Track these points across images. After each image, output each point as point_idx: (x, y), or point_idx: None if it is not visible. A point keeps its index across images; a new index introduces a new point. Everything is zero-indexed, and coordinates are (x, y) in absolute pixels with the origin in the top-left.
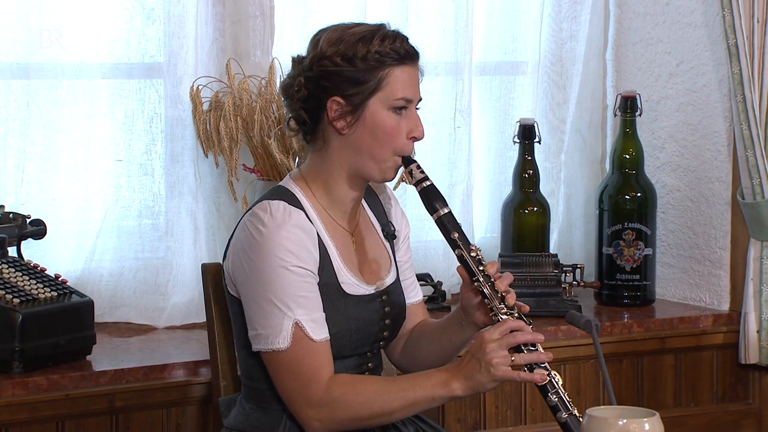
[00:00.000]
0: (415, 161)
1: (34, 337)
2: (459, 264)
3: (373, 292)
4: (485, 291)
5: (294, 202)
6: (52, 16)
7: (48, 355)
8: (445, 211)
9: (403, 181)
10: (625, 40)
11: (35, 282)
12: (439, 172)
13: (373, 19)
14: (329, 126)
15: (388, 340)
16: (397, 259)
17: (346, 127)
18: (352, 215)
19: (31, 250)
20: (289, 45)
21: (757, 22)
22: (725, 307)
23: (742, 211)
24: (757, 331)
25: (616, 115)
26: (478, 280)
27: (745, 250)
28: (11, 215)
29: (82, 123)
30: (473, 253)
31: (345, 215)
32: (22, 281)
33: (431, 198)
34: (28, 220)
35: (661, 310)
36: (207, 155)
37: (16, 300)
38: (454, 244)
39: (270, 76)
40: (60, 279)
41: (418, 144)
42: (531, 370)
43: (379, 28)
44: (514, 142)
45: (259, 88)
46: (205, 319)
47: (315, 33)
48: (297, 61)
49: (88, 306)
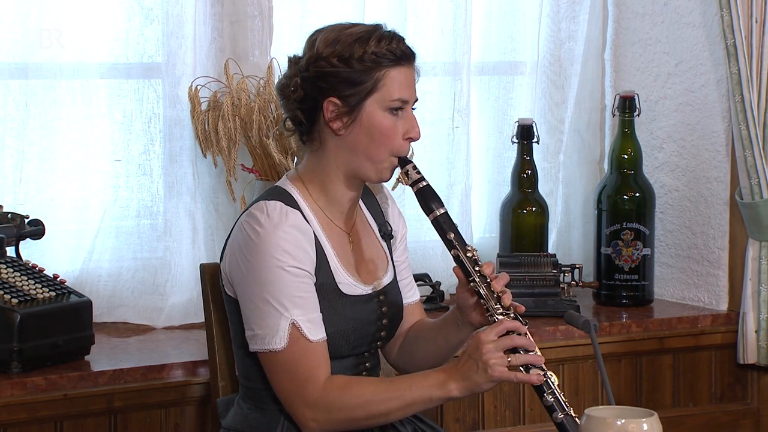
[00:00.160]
0: (411, 162)
1: (32, 337)
2: (455, 264)
3: (370, 292)
4: (481, 291)
5: (290, 202)
6: (50, 16)
7: (46, 356)
8: (441, 211)
9: (399, 181)
10: (624, 40)
11: (33, 282)
12: (437, 172)
13: (371, 19)
14: (325, 127)
15: (385, 340)
16: (394, 259)
17: (342, 128)
18: (349, 215)
19: (30, 250)
20: (287, 45)
21: (756, 21)
22: (723, 307)
23: (741, 211)
24: (756, 331)
25: (614, 115)
26: (474, 280)
27: (743, 250)
28: (9, 215)
29: (81, 123)
30: (469, 254)
31: (342, 215)
32: (21, 281)
33: (427, 198)
34: (27, 220)
35: (660, 310)
36: (205, 155)
37: (15, 300)
38: (450, 245)
39: (268, 76)
40: (58, 279)
41: (416, 144)
42: (527, 370)
43: (376, 28)
44: (513, 142)
45: (258, 88)
46: (203, 319)
47: (311, 33)
48: (293, 61)
49: (87, 306)
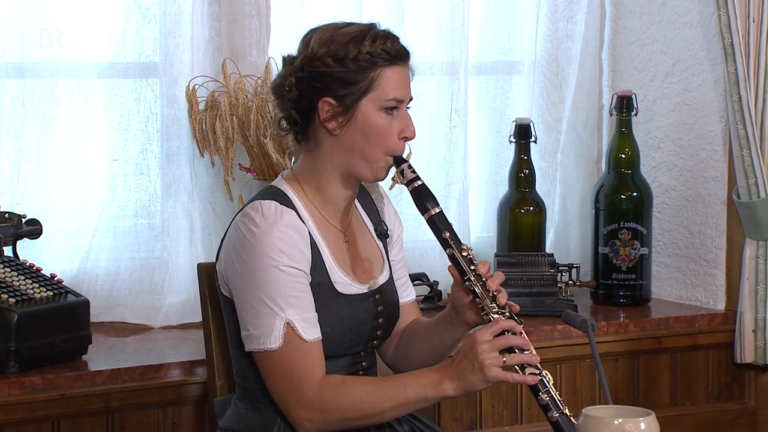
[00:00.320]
0: (406, 161)
1: (29, 337)
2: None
3: (365, 291)
4: (476, 290)
5: (286, 201)
6: (47, 16)
7: (44, 355)
8: (437, 210)
9: (394, 180)
10: (621, 40)
11: (31, 282)
12: (434, 171)
13: (369, 18)
14: (321, 126)
15: (381, 339)
16: (390, 258)
17: (337, 127)
18: (344, 215)
19: (27, 250)
20: (285, 45)
21: (753, 21)
22: (721, 306)
23: (738, 210)
24: (753, 330)
25: (611, 114)
26: (469, 279)
27: (740, 250)
28: (7, 215)
29: (78, 122)
30: (464, 252)
31: (337, 215)
32: (18, 281)
33: (422, 198)
34: (24, 220)
35: (657, 309)
36: (203, 155)
37: (12, 300)
38: (445, 244)
39: (266, 76)
40: (56, 279)
41: (414, 143)
42: (522, 370)
43: (370, 28)
44: (510, 142)
45: (255, 87)
46: (201, 319)
47: (306, 33)
48: (288, 61)
49: (84, 306)
